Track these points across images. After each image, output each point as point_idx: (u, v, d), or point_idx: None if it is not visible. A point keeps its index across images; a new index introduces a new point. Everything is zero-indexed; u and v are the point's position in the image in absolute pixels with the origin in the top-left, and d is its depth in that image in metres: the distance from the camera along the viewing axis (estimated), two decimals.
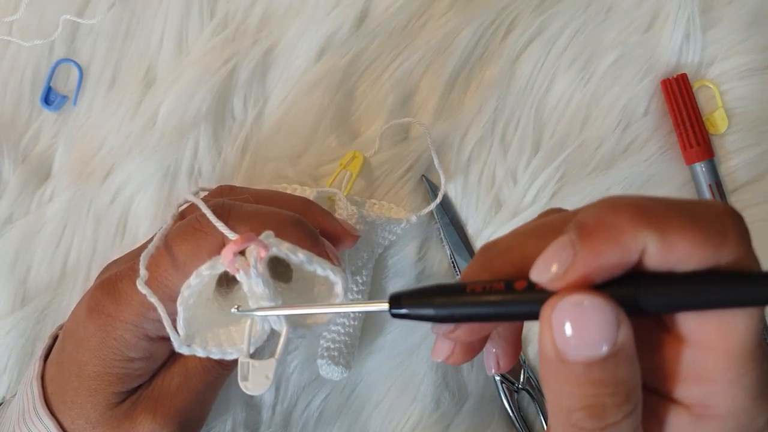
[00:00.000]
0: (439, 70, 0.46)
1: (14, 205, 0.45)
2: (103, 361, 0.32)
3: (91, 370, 0.32)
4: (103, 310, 0.32)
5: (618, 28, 0.47)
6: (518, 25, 0.47)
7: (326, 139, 0.45)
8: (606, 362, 0.21)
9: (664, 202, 0.22)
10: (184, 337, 0.29)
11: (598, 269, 0.21)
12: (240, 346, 0.29)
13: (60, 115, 0.46)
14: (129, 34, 0.46)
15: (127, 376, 0.32)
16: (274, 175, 0.45)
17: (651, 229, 0.21)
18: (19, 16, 0.45)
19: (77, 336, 0.32)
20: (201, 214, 0.30)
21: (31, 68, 0.46)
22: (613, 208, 0.22)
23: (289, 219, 0.31)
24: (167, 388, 0.33)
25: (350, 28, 0.46)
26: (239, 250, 0.26)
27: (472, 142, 0.46)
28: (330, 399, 0.44)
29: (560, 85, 0.47)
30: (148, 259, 0.29)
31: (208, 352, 0.29)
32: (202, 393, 0.34)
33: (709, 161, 0.46)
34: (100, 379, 0.32)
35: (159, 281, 0.30)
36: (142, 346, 0.32)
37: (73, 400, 0.32)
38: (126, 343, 0.31)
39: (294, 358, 0.44)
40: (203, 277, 0.28)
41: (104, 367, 0.32)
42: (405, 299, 0.24)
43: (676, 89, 0.46)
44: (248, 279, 0.27)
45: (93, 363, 0.32)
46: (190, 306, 0.29)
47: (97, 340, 0.31)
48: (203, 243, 0.30)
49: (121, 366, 0.32)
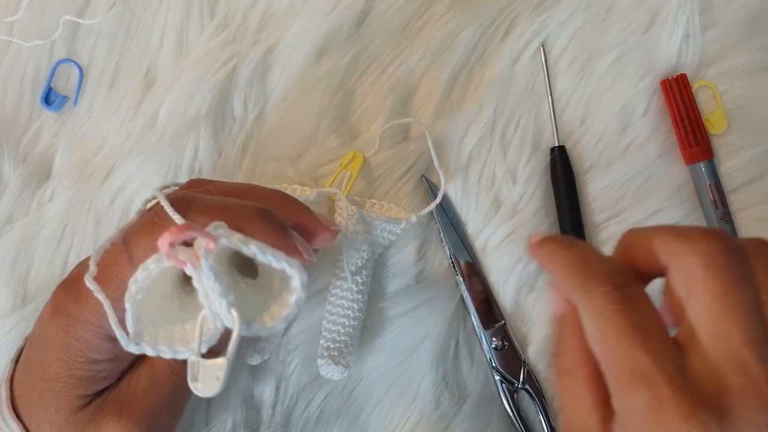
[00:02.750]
0: (439, 70, 0.46)
1: (14, 205, 0.45)
2: (66, 362, 0.31)
3: (53, 372, 0.31)
4: (64, 309, 0.30)
5: (618, 28, 0.47)
6: (518, 25, 0.47)
7: (326, 139, 0.45)
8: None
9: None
10: (133, 335, 0.27)
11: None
12: (192, 345, 0.27)
13: (60, 115, 0.46)
14: (129, 35, 0.46)
15: (90, 379, 0.31)
16: (275, 175, 0.45)
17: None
18: (20, 17, 0.46)
19: (41, 337, 0.31)
20: (160, 208, 0.28)
21: (32, 68, 0.46)
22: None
23: (254, 210, 0.29)
24: (134, 391, 0.32)
25: (350, 28, 0.46)
26: (176, 240, 0.24)
27: (472, 142, 0.46)
28: (330, 399, 0.44)
29: (560, 85, 0.47)
30: (101, 255, 0.28)
31: (157, 351, 0.28)
32: (171, 396, 0.32)
33: (709, 161, 0.46)
34: (63, 381, 0.31)
35: (118, 277, 0.29)
36: (105, 348, 0.31)
37: (38, 404, 0.31)
38: (88, 344, 0.30)
39: (294, 358, 0.44)
40: (150, 270, 0.27)
41: (67, 369, 0.31)
42: None
43: (675, 89, 0.46)
44: (197, 273, 0.26)
45: (55, 365, 0.31)
46: (139, 302, 0.27)
47: (59, 341, 0.30)
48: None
49: (84, 368, 0.31)
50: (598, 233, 0.46)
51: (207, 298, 0.26)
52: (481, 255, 0.45)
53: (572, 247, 0.28)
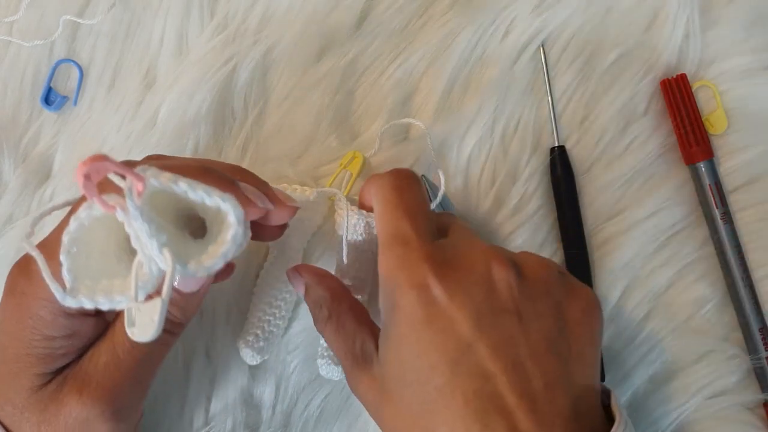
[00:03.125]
0: (439, 70, 0.46)
1: (14, 205, 0.45)
2: (22, 341, 0.30)
3: (11, 353, 0.31)
4: (16, 288, 0.31)
5: (618, 28, 0.47)
6: (518, 25, 0.47)
7: (326, 139, 0.45)
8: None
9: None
10: (70, 289, 0.26)
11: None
12: (129, 293, 0.27)
13: (60, 115, 0.46)
14: (129, 35, 0.46)
15: (48, 356, 0.31)
16: (275, 174, 0.45)
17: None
18: (20, 17, 0.46)
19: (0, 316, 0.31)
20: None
21: (32, 68, 0.46)
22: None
23: (197, 167, 0.30)
24: (94, 367, 0.31)
25: (350, 28, 0.46)
26: (91, 171, 0.23)
27: (472, 142, 0.46)
28: (330, 399, 0.44)
29: (560, 85, 0.47)
30: (35, 221, 0.28)
31: (95, 303, 0.27)
32: (134, 371, 0.32)
33: (709, 161, 0.46)
34: (21, 361, 0.31)
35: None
36: (60, 323, 0.30)
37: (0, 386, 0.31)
38: (43, 321, 0.30)
39: (294, 358, 0.44)
40: (81, 219, 0.26)
41: (24, 348, 0.30)
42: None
43: (675, 89, 0.46)
44: (128, 217, 0.25)
45: (13, 345, 0.31)
46: (74, 254, 0.27)
47: (14, 320, 0.30)
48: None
49: (40, 345, 0.31)
50: (598, 233, 0.46)
51: (138, 241, 0.26)
52: None
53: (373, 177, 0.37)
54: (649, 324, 0.45)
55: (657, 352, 0.45)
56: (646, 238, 0.46)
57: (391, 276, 0.32)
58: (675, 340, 0.45)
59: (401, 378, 0.31)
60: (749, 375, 0.45)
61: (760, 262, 0.46)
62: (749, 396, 0.45)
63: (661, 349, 0.45)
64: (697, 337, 0.46)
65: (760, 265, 0.46)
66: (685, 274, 0.46)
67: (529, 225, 0.45)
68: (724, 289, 0.46)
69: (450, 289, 0.30)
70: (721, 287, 0.46)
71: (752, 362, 0.45)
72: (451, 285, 0.31)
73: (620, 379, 0.45)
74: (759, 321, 0.45)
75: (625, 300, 0.46)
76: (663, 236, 0.46)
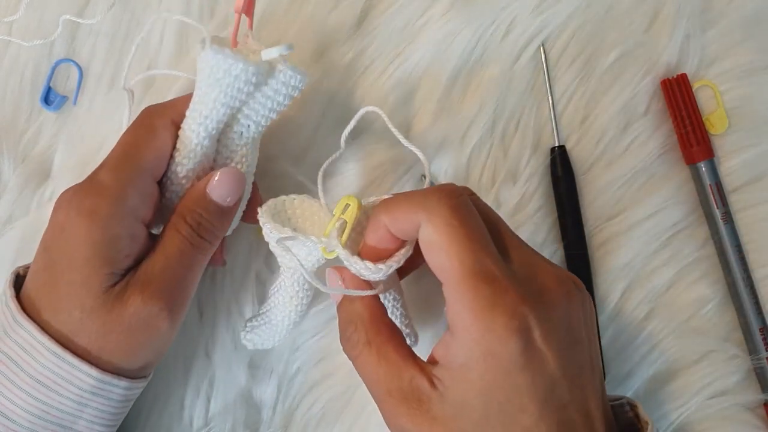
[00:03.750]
0: (439, 70, 0.46)
1: (14, 205, 0.45)
2: (92, 246, 0.33)
3: (81, 257, 0.33)
4: (82, 204, 0.34)
5: (618, 27, 0.47)
6: (518, 25, 0.47)
7: (326, 139, 0.45)
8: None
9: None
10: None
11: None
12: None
13: (60, 115, 0.46)
14: (129, 34, 0.46)
15: (114, 258, 0.34)
16: (278, 173, 0.45)
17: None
18: (19, 17, 0.46)
19: (61, 234, 0.34)
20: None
21: (31, 68, 0.46)
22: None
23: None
24: (152, 272, 0.35)
25: (350, 28, 0.46)
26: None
27: (472, 142, 0.46)
28: (331, 399, 0.44)
29: (560, 85, 0.47)
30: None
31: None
32: (183, 274, 0.36)
33: (709, 161, 0.46)
34: (90, 264, 0.33)
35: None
36: (129, 226, 0.35)
37: (68, 293, 0.34)
38: (120, 223, 0.34)
39: (296, 359, 0.44)
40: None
41: (94, 251, 0.33)
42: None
43: (676, 89, 0.46)
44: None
45: (82, 250, 0.33)
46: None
47: (83, 229, 0.33)
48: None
49: (108, 247, 0.34)
50: (598, 233, 0.46)
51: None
52: None
53: (395, 196, 0.34)
54: (650, 324, 0.45)
55: (657, 352, 0.45)
56: (646, 238, 0.46)
57: (481, 319, 0.29)
58: (675, 340, 0.45)
59: (482, 420, 0.30)
60: (750, 375, 0.45)
61: (761, 261, 0.46)
62: (750, 396, 0.45)
63: (661, 349, 0.45)
64: (698, 337, 0.46)
65: (760, 265, 0.46)
66: (685, 274, 0.46)
67: (530, 225, 0.45)
68: (724, 289, 0.46)
69: (545, 330, 0.30)
70: (722, 287, 0.46)
71: (753, 362, 0.45)
72: (546, 325, 0.30)
73: (621, 379, 0.45)
74: (759, 321, 0.45)
75: (626, 300, 0.46)
76: (663, 236, 0.46)
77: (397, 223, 0.33)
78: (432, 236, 0.31)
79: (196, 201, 0.36)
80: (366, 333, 0.33)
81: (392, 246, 0.34)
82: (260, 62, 0.36)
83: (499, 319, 0.29)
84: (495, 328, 0.29)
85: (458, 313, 0.30)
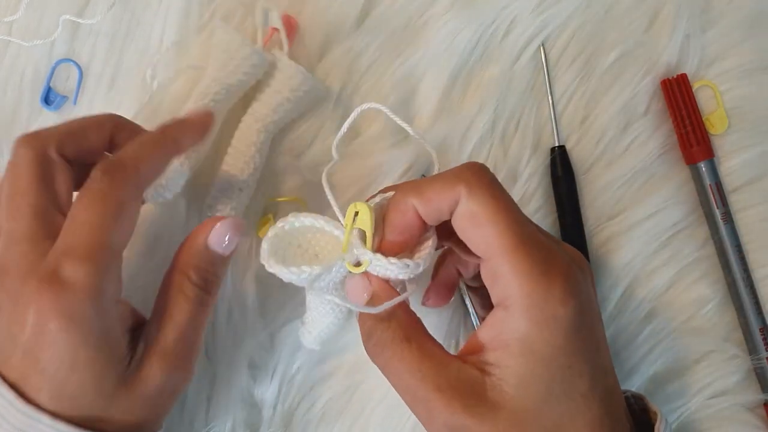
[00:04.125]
0: (439, 70, 0.46)
1: None
2: (89, 347, 0.31)
3: (82, 359, 0.31)
4: (57, 306, 0.30)
5: (618, 27, 0.47)
6: (518, 25, 0.47)
7: (327, 139, 0.45)
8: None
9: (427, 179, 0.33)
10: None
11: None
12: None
13: (60, 115, 0.46)
14: (129, 34, 0.46)
15: (115, 346, 0.32)
16: (282, 168, 0.45)
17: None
18: (19, 16, 0.45)
19: (47, 339, 0.30)
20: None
21: (31, 68, 0.46)
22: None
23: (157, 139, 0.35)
24: (165, 343, 0.33)
25: (350, 27, 0.46)
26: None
27: (472, 142, 0.46)
28: (331, 399, 0.44)
29: (560, 85, 0.47)
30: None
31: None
32: (196, 336, 0.35)
33: (709, 161, 0.46)
34: (99, 362, 0.31)
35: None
36: (112, 314, 0.32)
37: (83, 390, 0.31)
38: (96, 321, 0.31)
39: (296, 359, 0.44)
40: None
41: (95, 351, 0.31)
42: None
43: (676, 89, 0.46)
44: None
45: (81, 352, 0.30)
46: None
47: (72, 332, 0.30)
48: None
49: (105, 341, 0.31)
50: (598, 233, 0.46)
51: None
52: None
53: (418, 180, 0.35)
54: (650, 324, 0.45)
55: (657, 352, 0.45)
56: (646, 238, 0.46)
57: (542, 284, 0.29)
58: (675, 340, 0.45)
59: (546, 393, 0.29)
60: (750, 375, 0.45)
61: (761, 261, 0.46)
62: (750, 396, 0.45)
63: (661, 349, 0.45)
64: (698, 337, 0.46)
65: (760, 264, 0.46)
66: (685, 274, 0.46)
67: None
68: (724, 289, 0.46)
69: (587, 292, 0.30)
70: (722, 287, 0.46)
71: (753, 362, 0.45)
72: (587, 288, 0.31)
73: (621, 379, 0.45)
74: (759, 321, 0.45)
75: (626, 300, 0.46)
76: (663, 236, 0.46)
77: (430, 204, 0.31)
78: (476, 208, 0.30)
79: (198, 256, 0.35)
80: (403, 329, 0.31)
81: (415, 235, 0.33)
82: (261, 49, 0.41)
83: (557, 281, 0.29)
84: (555, 292, 0.29)
85: (514, 282, 0.29)
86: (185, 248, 0.35)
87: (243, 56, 0.41)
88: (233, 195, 0.41)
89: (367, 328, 0.32)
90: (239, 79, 0.41)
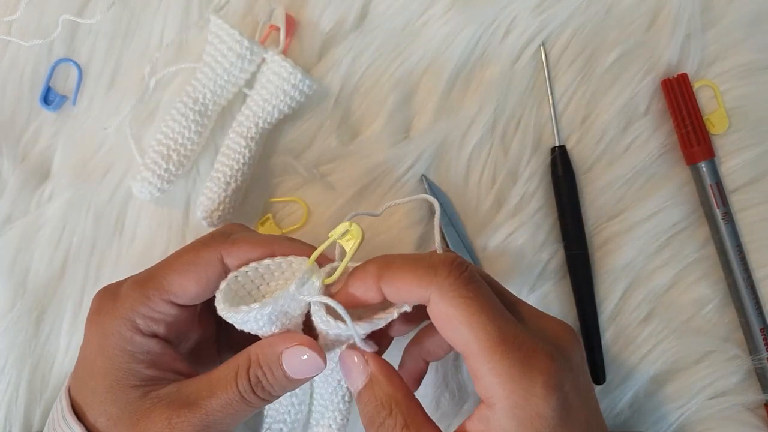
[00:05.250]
0: (439, 70, 0.46)
1: (14, 204, 0.44)
2: (108, 356, 0.33)
3: (100, 367, 0.33)
4: (101, 310, 0.34)
5: (618, 27, 0.47)
6: (518, 25, 0.47)
7: (326, 138, 0.45)
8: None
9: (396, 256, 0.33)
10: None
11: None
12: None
13: (59, 114, 0.46)
14: (128, 34, 0.46)
15: (134, 371, 0.33)
16: (282, 168, 0.45)
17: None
18: (19, 16, 0.45)
19: (85, 340, 0.35)
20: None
21: (31, 68, 0.46)
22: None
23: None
24: (187, 397, 0.32)
25: (350, 27, 0.46)
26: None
27: (472, 142, 0.46)
28: None
29: (561, 85, 0.47)
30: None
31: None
32: (221, 419, 0.33)
33: (710, 161, 0.46)
34: (110, 375, 0.33)
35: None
36: (137, 341, 0.34)
37: (92, 400, 0.33)
38: (122, 337, 0.33)
39: None
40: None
41: (110, 362, 0.33)
42: None
43: (676, 89, 0.46)
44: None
45: (99, 360, 0.33)
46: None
47: (98, 337, 0.34)
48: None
49: (124, 360, 0.33)
50: (598, 233, 0.46)
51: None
52: (482, 255, 0.45)
53: (393, 257, 0.33)
54: (650, 324, 0.45)
55: (658, 353, 0.45)
56: (647, 238, 0.46)
57: (521, 384, 0.29)
58: (676, 340, 0.45)
59: None
60: (750, 375, 0.45)
61: (762, 262, 0.46)
62: (750, 396, 0.45)
63: (661, 349, 0.45)
64: (698, 337, 0.45)
65: (761, 265, 0.46)
66: (686, 274, 0.46)
67: (530, 225, 0.45)
68: (725, 289, 0.46)
69: (571, 380, 0.30)
70: (722, 287, 0.46)
71: (753, 362, 0.45)
72: (571, 375, 0.30)
73: (621, 380, 0.45)
74: (760, 321, 0.45)
75: (626, 300, 0.45)
76: (664, 236, 0.46)
77: (396, 292, 0.32)
78: (449, 311, 0.30)
79: (268, 360, 0.33)
80: (404, 416, 0.32)
81: (375, 301, 0.33)
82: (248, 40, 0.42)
83: (538, 380, 0.29)
84: (536, 390, 0.29)
85: (494, 383, 0.29)
86: (264, 344, 0.33)
87: (235, 50, 0.42)
88: (221, 187, 0.42)
89: (367, 414, 0.33)
90: (231, 73, 0.43)
